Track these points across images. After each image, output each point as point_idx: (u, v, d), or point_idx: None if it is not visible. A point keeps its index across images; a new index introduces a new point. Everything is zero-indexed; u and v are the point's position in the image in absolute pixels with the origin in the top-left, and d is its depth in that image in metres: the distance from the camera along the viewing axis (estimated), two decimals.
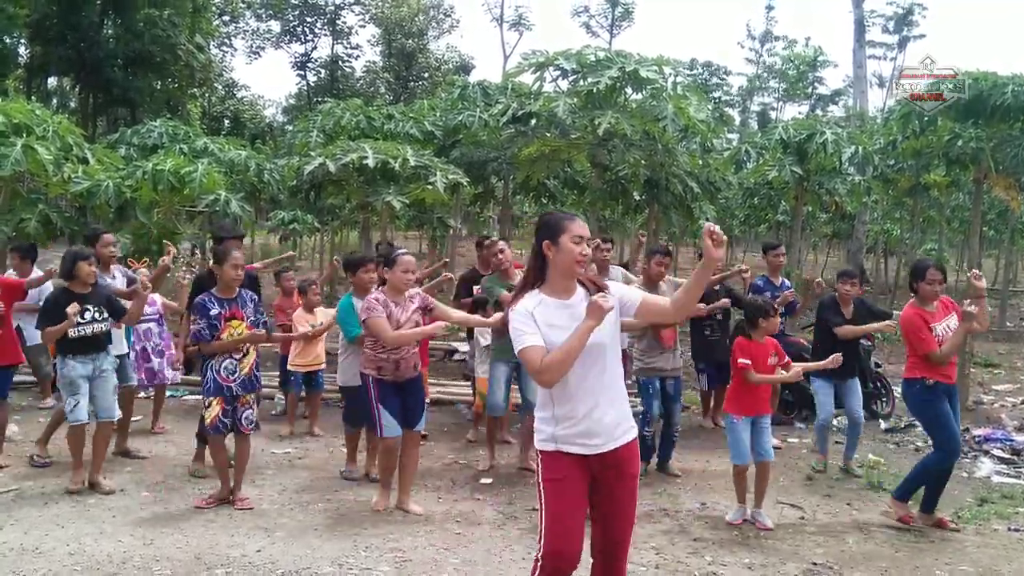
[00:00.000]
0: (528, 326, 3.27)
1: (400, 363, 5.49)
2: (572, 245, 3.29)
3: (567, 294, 3.36)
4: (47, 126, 10.07)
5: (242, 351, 5.57)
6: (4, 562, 4.48)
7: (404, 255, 5.60)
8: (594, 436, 3.31)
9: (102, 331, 5.83)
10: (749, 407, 5.71)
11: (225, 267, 5.50)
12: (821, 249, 31.18)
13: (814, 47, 48.42)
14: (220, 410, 5.49)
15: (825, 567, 4.93)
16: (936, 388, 5.64)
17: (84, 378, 5.73)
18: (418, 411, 5.64)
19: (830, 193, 12.97)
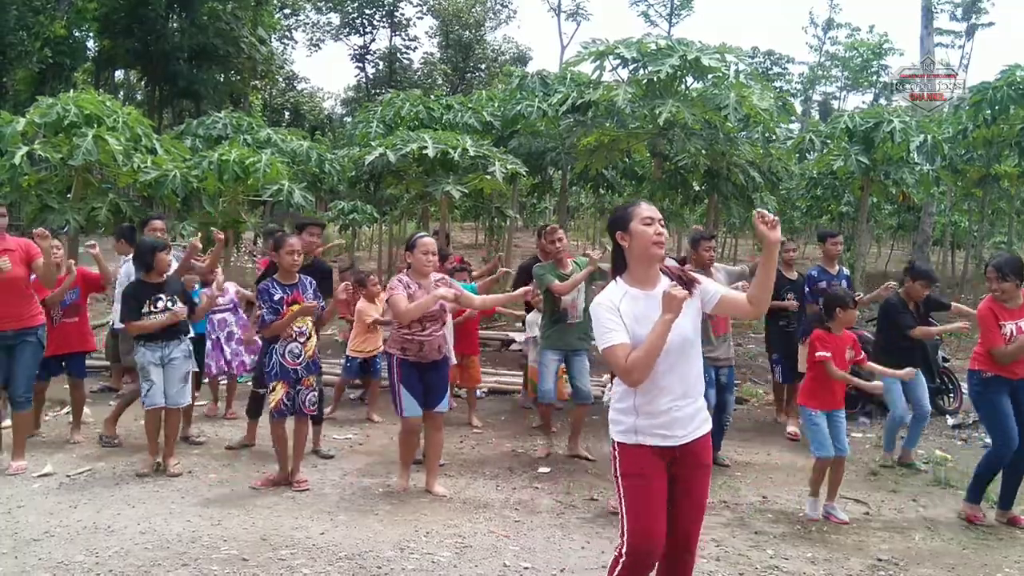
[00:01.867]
0: (613, 322, 3.21)
1: (424, 344, 5.53)
2: (643, 227, 3.25)
3: (651, 285, 3.30)
4: (117, 117, 10.34)
5: (305, 335, 5.66)
6: (78, 539, 4.62)
7: (423, 237, 5.67)
8: (675, 428, 3.28)
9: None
10: (826, 401, 5.62)
11: (281, 253, 5.66)
12: (885, 242, 30.49)
13: (879, 34, 47.26)
14: (284, 393, 5.61)
15: (890, 563, 4.83)
16: (994, 381, 5.52)
17: (155, 364, 5.88)
18: (440, 393, 5.68)
19: (897, 184, 12.65)
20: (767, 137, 13.23)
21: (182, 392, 6.03)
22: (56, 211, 10.04)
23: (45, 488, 5.50)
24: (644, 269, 3.31)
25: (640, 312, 3.23)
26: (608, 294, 3.30)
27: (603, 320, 3.24)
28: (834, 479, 5.66)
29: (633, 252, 3.29)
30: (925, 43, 20.88)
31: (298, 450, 5.80)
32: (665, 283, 3.31)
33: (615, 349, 3.19)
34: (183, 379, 6.04)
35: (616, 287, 3.32)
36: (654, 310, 3.19)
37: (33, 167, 10.06)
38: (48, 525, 4.80)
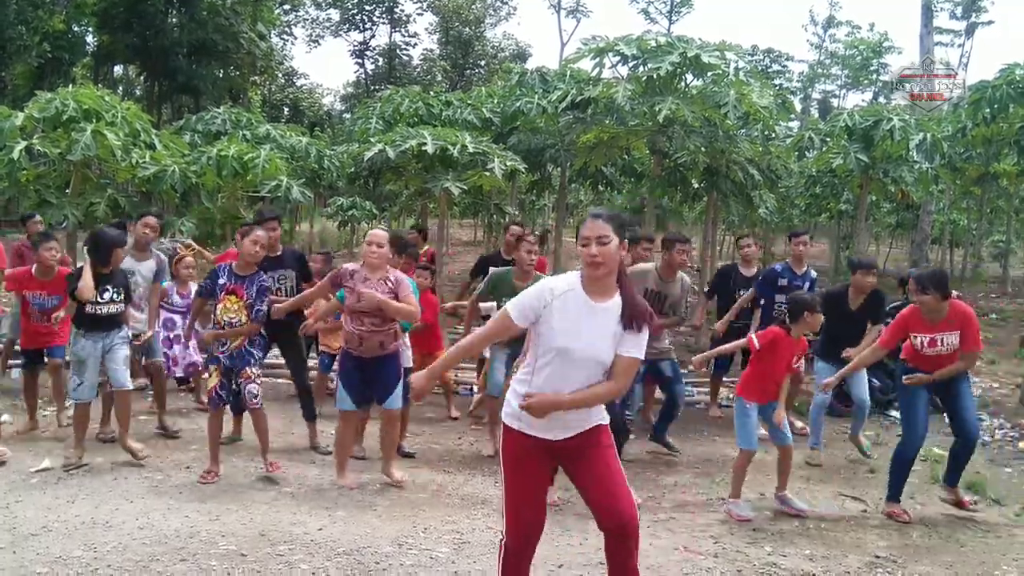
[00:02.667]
0: (529, 306, 3.26)
1: (363, 339, 5.55)
2: (581, 248, 3.27)
3: (601, 297, 3.27)
4: (116, 112, 10.30)
5: (234, 326, 5.72)
6: (76, 534, 4.61)
7: (374, 230, 5.73)
8: (557, 428, 3.33)
9: (116, 312, 6.03)
10: (764, 394, 5.62)
11: (245, 241, 5.76)
12: (883, 240, 30.52)
13: (879, 33, 47.26)
14: (218, 382, 5.73)
15: (888, 560, 4.84)
16: (913, 373, 5.64)
17: (93, 357, 5.92)
18: (385, 389, 5.69)
19: (896, 182, 12.66)
20: (766, 135, 13.23)
21: (125, 374, 6.03)
22: (54, 206, 10.01)
23: (43, 483, 5.49)
24: (591, 281, 3.29)
25: (575, 315, 3.24)
26: (554, 284, 3.31)
27: (530, 295, 3.29)
28: (782, 469, 5.69)
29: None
30: (925, 41, 20.86)
31: (262, 439, 5.85)
32: (617, 301, 3.29)
33: (503, 316, 3.32)
34: (124, 362, 6.04)
35: (567, 281, 3.32)
36: (586, 318, 3.23)
37: (32, 162, 10.03)
38: (46, 520, 4.79)
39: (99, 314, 5.92)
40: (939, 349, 5.52)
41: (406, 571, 4.30)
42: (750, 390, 5.65)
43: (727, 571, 4.55)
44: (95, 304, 5.88)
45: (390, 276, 5.59)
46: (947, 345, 5.51)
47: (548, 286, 3.28)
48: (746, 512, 5.47)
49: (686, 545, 4.92)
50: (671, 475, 6.49)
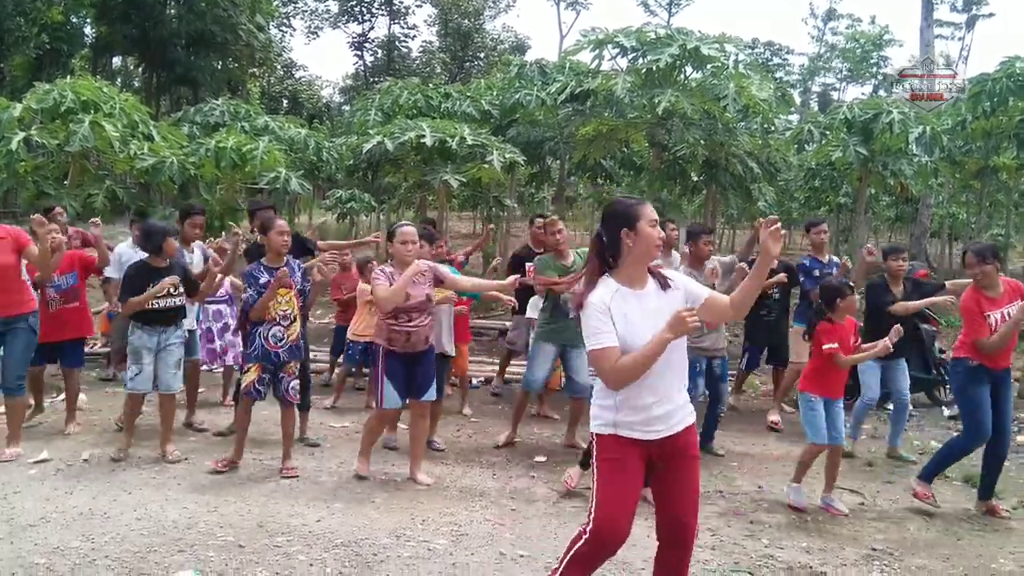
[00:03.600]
0: (605, 324, 3.20)
1: (411, 335, 5.51)
2: (650, 229, 3.26)
3: (640, 284, 3.31)
4: (114, 104, 10.30)
5: (289, 319, 5.67)
6: (75, 525, 4.62)
7: (404, 226, 5.62)
8: (654, 424, 3.29)
9: (174, 306, 5.96)
10: (826, 389, 5.60)
11: (271, 235, 5.68)
12: (883, 233, 30.51)
13: (880, 26, 47.21)
14: (257, 376, 5.64)
15: (885, 553, 4.85)
16: (979, 370, 5.53)
17: (149, 349, 5.88)
18: (427, 383, 5.67)
19: (895, 175, 12.64)
20: (766, 128, 13.21)
21: (175, 378, 6.03)
22: (53, 197, 10.00)
23: (42, 474, 5.50)
24: (639, 269, 3.31)
25: (630, 311, 3.24)
26: (599, 293, 3.27)
27: (593, 321, 3.22)
28: (830, 469, 5.66)
29: (635, 252, 3.27)
30: (925, 34, 20.86)
31: (286, 438, 5.82)
32: (653, 284, 3.32)
33: (605, 352, 3.19)
34: (176, 365, 6.03)
35: (606, 285, 3.29)
36: (643, 309, 3.23)
37: (30, 153, 10.03)
38: (44, 511, 4.80)
39: (157, 308, 5.86)
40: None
41: (404, 563, 4.31)
42: (814, 384, 5.64)
43: (724, 563, 4.56)
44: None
45: (420, 266, 5.54)
46: (1010, 315, 5.46)
47: (595, 301, 3.25)
48: (802, 500, 5.53)
49: None
50: None
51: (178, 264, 6.07)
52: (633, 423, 3.28)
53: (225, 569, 4.13)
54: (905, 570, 4.62)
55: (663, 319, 3.18)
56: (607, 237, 3.32)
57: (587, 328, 3.25)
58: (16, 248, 5.84)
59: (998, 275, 5.52)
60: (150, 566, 4.12)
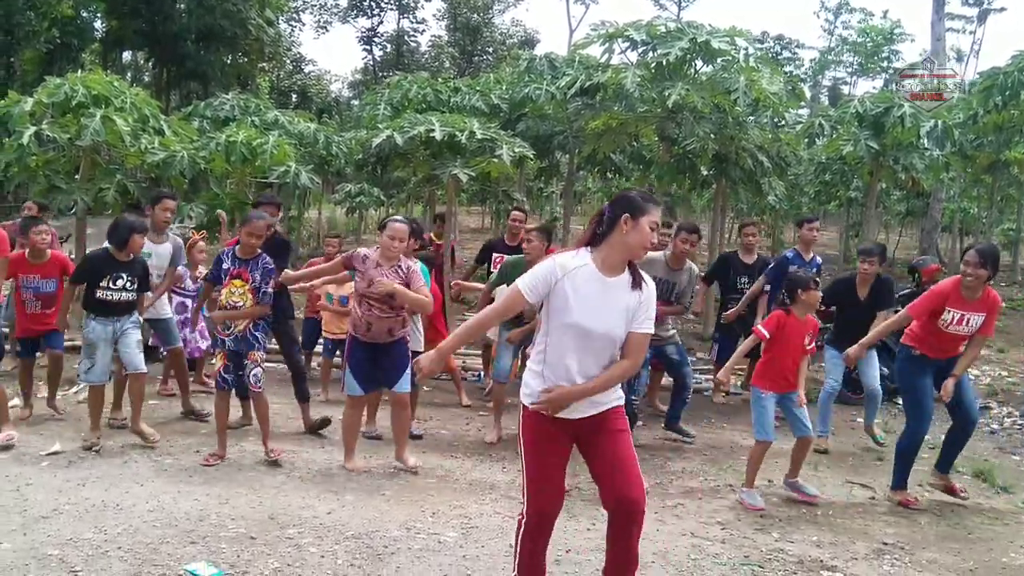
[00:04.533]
0: (541, 281, 3.29)
1: (371, 325, 5.56)
2: (648, 229, 3.29)
3: (613, 272, 3.32)
4: (125, 98, 10.30)
5: (238, 310, 5.75)
6: (87, 517, 4.65)
7: (395, 222, 5.65)
8: (576, 406, 3.36)
9: (128, 300, 6.05)
10: (777, 383, 5.58)
11: (242, 231, 5.83)
12: (893, 228, 30.37)
13: (891, 20, 46.90)
14: (222, 365, 5.77)
15: (896, 547, 4.84)
16: (921, 360, 5.59)
17: (104, 341, 5.95)
18: (394, 374, 5.70)
19: (906, 169, 12.56)
20: (776, 122, 13.15)
21: (138, 356, 6.05)
22: (64, 191, 10.02)
23: (54, 466, 5.53)
24: (620, 259, 3.33)
25: (590, 292, 3.27)
26: (564, 260, 3.31)
27: (541, 271, 3.31)
28: (797, 457, 5.68)
29: (626, 242, 3.29)
30: (936, 28, 20.73)
31: (263, 425, 5.89)
32: (626, 279, 3.34)
33: (513, 291, 3.33)
34: (137, 344, 6.07)
35: (580, 257, 3.33)
36: (602, 297, 3.27)
37: (41, 147, 10.03)
38: (57, 503, 4.83)
39: (110, 300, 5.94)
40: (962, 329, 5.46)
41: (414, 555, 4.32)
42: (765, 378, 5.62)
43: (734, 557, 4.56)
44: (106, 289, 5.91)
45: (402, 264, 5.59)
46: (971, 326, 5.46)
47: (559, 262, 3.31)
48: (758, 502, 5.47)
49: (693, 531, 4.93)
50: (679, 461, 6.50)
51: (139, 261, 6.17)
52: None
53: (237, 560, 4.15)
54: (916, 564, 4.62)
55: (619, 314, 3.28)
56: (608, 215, 3.34)
57: (530, 272, 3.37)
58: None
59: (985, 285, 5.46)
60: (163, 557, 4.15)
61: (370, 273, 5.50)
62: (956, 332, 5.48)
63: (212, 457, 5.77)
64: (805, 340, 5.58)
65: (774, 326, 5.55)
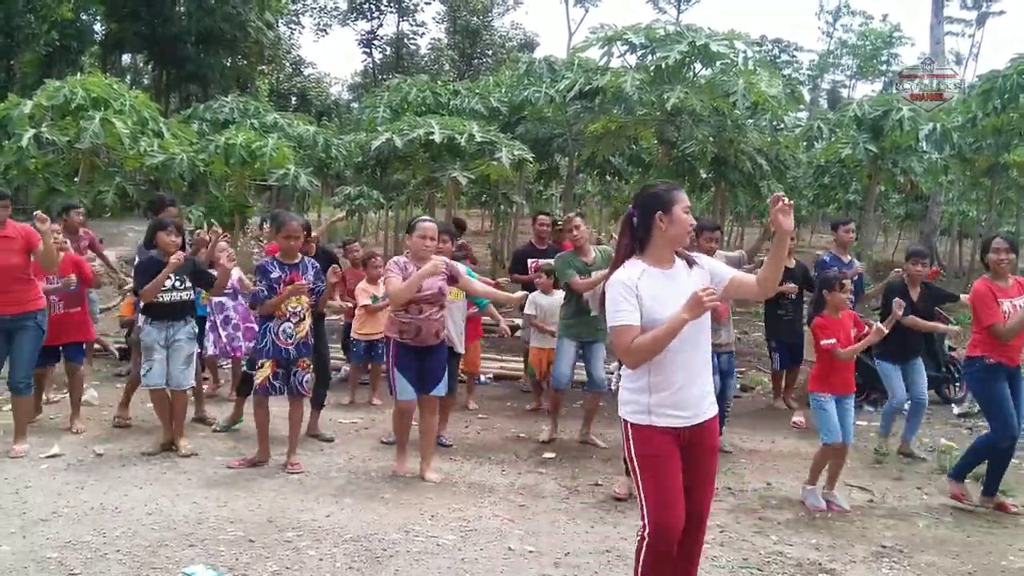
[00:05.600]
0: (628, 302, 3.23)
1: (421, 328, 5.50)
2: (684, 215, 3.30)
3: (669, 264, 3.35)
4: (124, 100, 10.34)
5: (299, 316, 5.68)
6: (86, 519, 4.65)
7: (423, 221, 5.62)
8: (685, 408, 3.30)
9: (181, 300, 5.98)
10: (836, 386, 5.58)
11: (279, 236, 5.72)
12: (892, 231, 30.41)
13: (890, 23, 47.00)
14: (271, 372, 5.66)
15: (895, 550, 4.84)
16: (996, 368, 5.52)
17: (159, 344, 5.91)
18: (436, 378, 5.67)
19: (905, 172, 12.60)
20: (775, 125, 13.18)
21: (185, 374, 6.04)
22: (63, 194, 10.06)
23: (53, 469, 5.53)
24: (668, 251, 3.35)
25: (658, 290, 3.26)
26: (627, 272, 3.30)
27: (618, 298, 3.25)
28: (835, 467, 5.64)
29: (667, 235, 3.30)
30: (935, 31, 20.77)
31: (293, 432, 5.84)
32: (680, 263, 3.36)
33: (623, 330, 3.21)
34: (186, 361, 6.04)
35: (635, 265, 3.33)
36: (671, 288, 3.26)
37: (40, 150, 10.07)
38: (56, 505, 4.83)
39: (163, 302, 5.90)
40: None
41: (413, 558, 4.32)
42: (822, 383, 5.63)
43: (733, 559, 4.56)
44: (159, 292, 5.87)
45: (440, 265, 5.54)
46: (1021, 307, 5.48)
47: (623, 277, 3.29)
48: (820, 502, 5.49)
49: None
50: None
51: (188, 258, 6.10)
52: (665, 406, 3.29)
53: (235, 563, 4.15)
54: (914, 567, 4.61)
55: (683, 298, 3.21)
56: (639, 219, 3.34)
57: (610, 304, 3.27)
58: (26, 248, 5.85)
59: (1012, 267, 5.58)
60: (161, 560, 4.14)
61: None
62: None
63: (244, 461, 5.78)
64: (851, 333, 5.60)
65: (828, 334, 5.54)
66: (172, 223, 6.18)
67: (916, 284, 6.84)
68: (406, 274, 5.41)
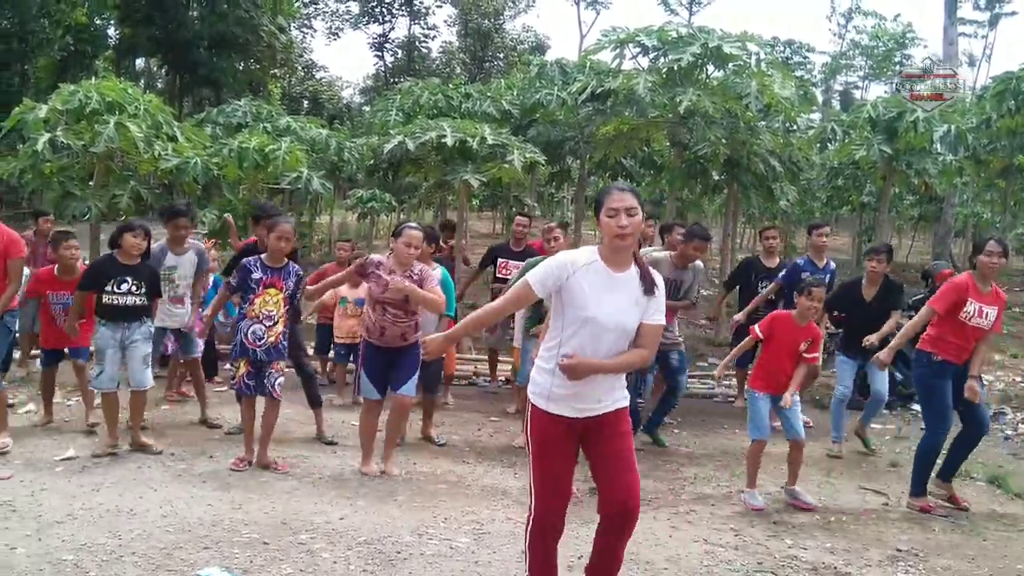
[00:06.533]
0: (548, 277, 3.33)
1: (385, 329, 5.60)
2: (607, 219, 3.30)
3: (619, 268, 3.35)
4: (138, 105, 10.37)
5: (273, 319, 5.70)
6: (101, 522, 4.66)
7: (410, 228, 5.68)
8: (585, 402, 3.39)
9: (136, 304, 5.97)
10: (770, 384, 5.59)
11: (271, 236, 5.73)
12: (906, 232, 30.25)
13: (902, 24, 46.76)
14: (245, 372, 5.70)
15: (910, 554, 4.82)
16: (941, 366, 5.57)
17: (112, 347, 5.91)
18: (402, 378, 5.71)
19: (919, 174, 12.53)
20: (788, 126, 13.12)
21: (145, 373, 6.03)
22: (78, 198, 10.10)
23: (68, 471, 5.55)
24: (612, 253, 3.35)
25: (599, 286, 3.31)
26: (575, 256, 3.37)
27: (551, 265, 3.35)
28: (793, 463, 5.66)
29: (604, 237, 3.35)
30: (948, 32, 20.66)
31: (265, 433, 5.83)
32: (634, 272, 3.37)
33: (523, 285, 3.39)
34: (144, 361, 6.03)
35: (587, 254, 3.38)
36: (614, 289, 3.31)
37: (55, 154, 10.10)
38: (71, 508, 4.85)
39: (116, 304, 5.91)
40: (982, 322, 5.48)
41: (426, 560, 4.32)
42: (758, 379, 5.68)
43: (748, 563, 4.55)
44: (112, 294, 5.88)
45: (415, 268, 5.62)
46: (988, 319, 5.49)
47: (569, 258, 3.35)
48: (758, 502, 5.48)
49: (706, 537, 4.91)
50: (691, 467, 6.48)
51: (146, 266, 6.14)
52: (566, 396, 3.37)
53: (250, 566, 4.16)
54: (930, 571, 4.59)
55: (630, 307, 3.32)
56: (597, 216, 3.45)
57: (538, 266, 3.41)
58: (3, 254, 5.85)
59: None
60: (176, 563, 4.16)
61: (385, 278, 5.51)
62: (977, 325, 5.48)
63: (240, 462, 5.78)
64: (800, 345, 5.55)
65: (767, 326, 5.62)
66: (141, 226, 6.12)
67: (874, 283, 6.86)
68: (377, 273, 5.56)
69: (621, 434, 3.46)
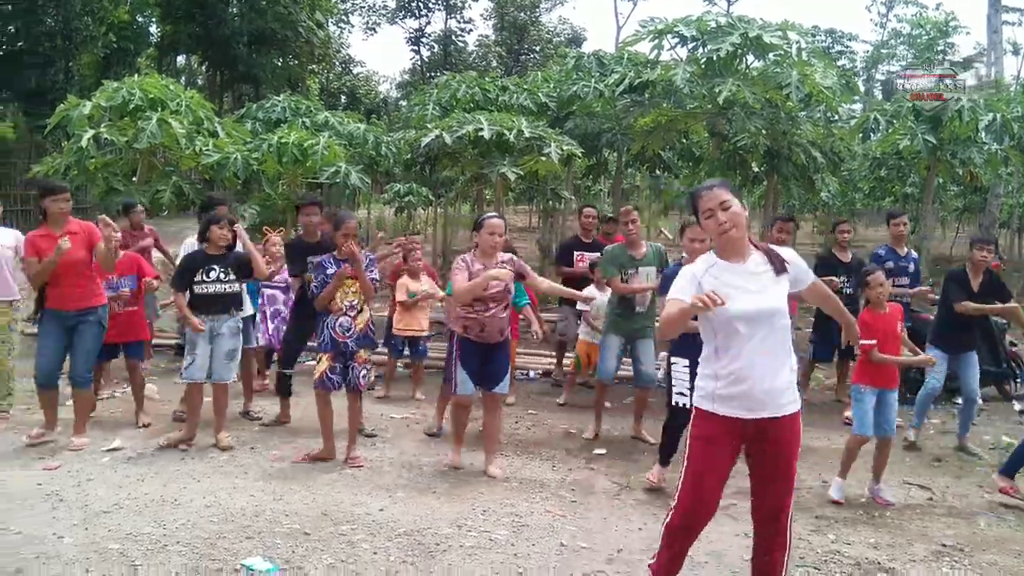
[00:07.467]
0: (683, 288, 3.33)
1: (485, 325, 5.53)
2: (706, 221, 3.38)
3: (740, 258, 3.38)
4: (180, 101, 10.52)
5: (356, 309, 5.72)
6: (146, 512, 4.74)
7: (492, 218, 5.63)
8: (753, 399, 3.31)
9: (226, 292, 6.07)
10: (877, 379, 5.52)
11: (338, 234, 5.72)
12: (950, 224, 29.69)
13: (945, 12, 45.80)
14: (328, 366, 5.70)
15: (955, 549, 4.73)
16: None
17: (203, 337, 5.99)
18: (499, 375, 5.69)
19: (964, 164, 12.27)
20: (829, 117, 12.94)
21: (227, 368, 6.13)
22: (122, 193, 10.26)
23: (114, 462, 5.66)
24: (727, 247, 3.39)
25: (728, 280, 3.32)
26: (695, 266, 3.43)
27: (678, 283, 3.38)
28: (879, 461, 5.60)
29: (713, 238, 3.43)
30: (992, 21, 20.19)
31: (352, 427, 5.88)
32: (758, 256, 3.40)
33: (674, 303, 3.33)
34: (229, 355, 6.12)
35: (704, 259, 3.44)
36: (744, 279, 3.33)
37: (99, 150, 10.28)
38: (117, 498, 4.94)
39: (206, 293, 6.02)
40: None
41: (466, 552, 4.34)
42: (864, 375, 5.59)
43: (790, 558, 4.49)
44: (201, 283, 6.00)
45: (502, 257, 5.59)
46: None
47: (691, 270, 3.42)
48: (839, 495, 5.47)
49: (747, 531, 4.86)
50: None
51: (233, 254, 6.20)
52: (731, 396, 3.33)
53: (292, 556, 4.20)
54: (975, 566, 4.51)
55: (770, 288, 3.34)
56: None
57: (674, 284, 3.42)
58: (88, 244, 6.00)
59: None
60: (219, 552, 4.21)
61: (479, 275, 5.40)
62: None
63: (310, 458, 5.82)
64: (898, 327, 5.55)
65: (866, 334, 5.45)
66: (225, 218, 6.26)
67: (978, 272, 6.64)
68: (472, 271, 5.45)
69: (787, 444, 3.41)
